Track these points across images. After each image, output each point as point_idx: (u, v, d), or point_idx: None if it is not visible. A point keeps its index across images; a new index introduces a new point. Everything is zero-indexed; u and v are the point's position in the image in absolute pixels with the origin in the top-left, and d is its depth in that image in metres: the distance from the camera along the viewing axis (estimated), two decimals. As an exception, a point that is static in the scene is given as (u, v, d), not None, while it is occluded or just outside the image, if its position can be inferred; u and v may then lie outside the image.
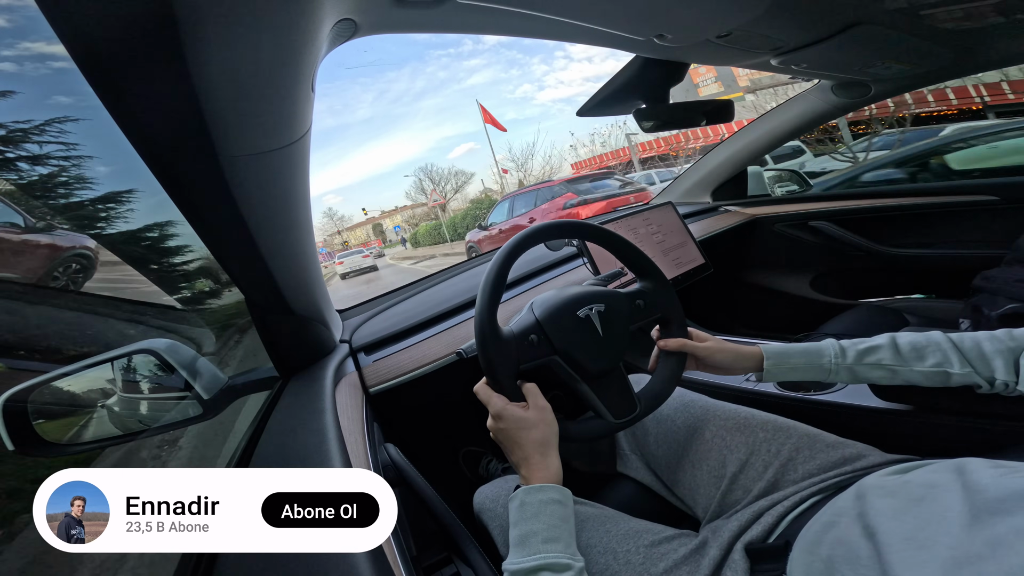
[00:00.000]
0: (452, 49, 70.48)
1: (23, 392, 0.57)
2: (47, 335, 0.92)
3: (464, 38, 63.95)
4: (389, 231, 47.58)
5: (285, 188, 0.57)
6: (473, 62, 68.42)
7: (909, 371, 0.60)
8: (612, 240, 0.71)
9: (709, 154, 1.83)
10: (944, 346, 0.59)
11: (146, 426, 0.74)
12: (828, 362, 0.63)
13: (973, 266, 1.15)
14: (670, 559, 0.55)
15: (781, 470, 0.61)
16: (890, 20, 0.82)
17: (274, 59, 0.39)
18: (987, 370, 0.56)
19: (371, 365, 0.94)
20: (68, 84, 0.77)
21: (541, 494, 0.50)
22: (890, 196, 1.46)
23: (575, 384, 0.63)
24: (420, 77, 76.10)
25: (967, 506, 0.36)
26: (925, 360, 0.59)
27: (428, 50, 73.64)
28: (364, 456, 0.61)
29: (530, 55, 62.21)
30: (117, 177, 1.14)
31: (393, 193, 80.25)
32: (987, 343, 0.56)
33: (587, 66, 15.50)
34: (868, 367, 0.62)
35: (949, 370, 0.58)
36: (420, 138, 77.10)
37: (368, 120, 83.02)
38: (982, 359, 0.56)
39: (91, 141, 1.01)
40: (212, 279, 1.72)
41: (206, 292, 1.79)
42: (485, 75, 67.83)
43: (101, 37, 0.33)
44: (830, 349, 0.64)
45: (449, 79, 72.30)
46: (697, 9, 0.67)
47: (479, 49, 66.07)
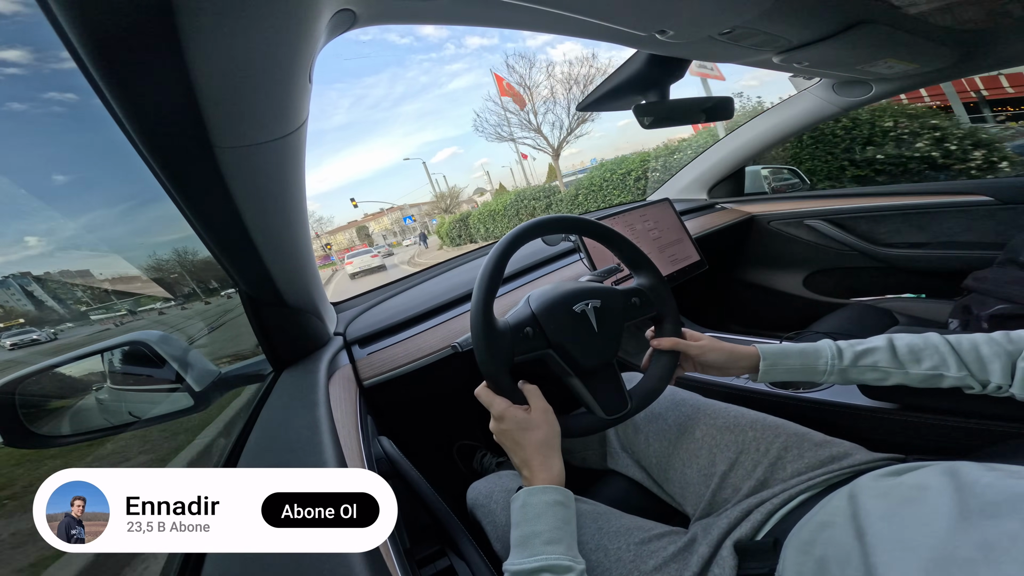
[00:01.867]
0: (434, 54, 69.30)
1: (11, 384, 0.56)
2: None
3: (446, 42, 62.97)
4: (375, 234, 46.29)
5: (281, 179, 0.56)
6: (455, 66, 67.32)
7: (904, 374, 0.60)
8: (609, 236, 0.71)
9: (707, 151, 1.82)
10: (942, 349, 0.58)
11: (136, 418, 0.74)
12: (824, 363, 0.63)
13: (966, 266, 1.16)
14: (660, 556, 0.56)
15: (770, 469, 0.62)
16: (893, 19, 0.81)
17: (272, 49, 0.38)
18: (983, 373, 0.56)
19: (365, 358, 0.94)
20: (61, 76, 0.74)
21: (544, 495, 0.51)
22: (884, 196, 1.47)
23: (568, 378, 0.63)
24: (400, 82, 74.86)
25: (957, 508, 0.37)
26: (921, 363, 0.59)
27: (409, 55, 72.39)
28: (357, 449, 0.61)
29: (512, 58, 61.33)
30: (110, 168, 1.12)
31: (372, 198, 78.98)
32: (985, 346, 0.56)
33: (566, 69, 15.44)
34: (863, 369, 0.62)
35: (945, 373, 0.57)
36: (400, 143, 76.04)
37: (345, 126, 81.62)
38: (979, 362, 0.56)
39: (84, 133, 0.98)
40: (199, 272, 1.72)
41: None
42: (467, 79, 66.78)
43: (96, 27, 0.32)
44: (827, 351, 0.64)
45: (431, 84, 71.11)
46: (700, 5, 0.66)
47: (461, 54, 65.03)
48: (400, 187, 71.51)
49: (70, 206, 1.21)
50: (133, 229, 1.37)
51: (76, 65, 0.36)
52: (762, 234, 1.71)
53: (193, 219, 0.58)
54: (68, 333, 1.71)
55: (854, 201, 1.51)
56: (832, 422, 0.82)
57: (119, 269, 1.74)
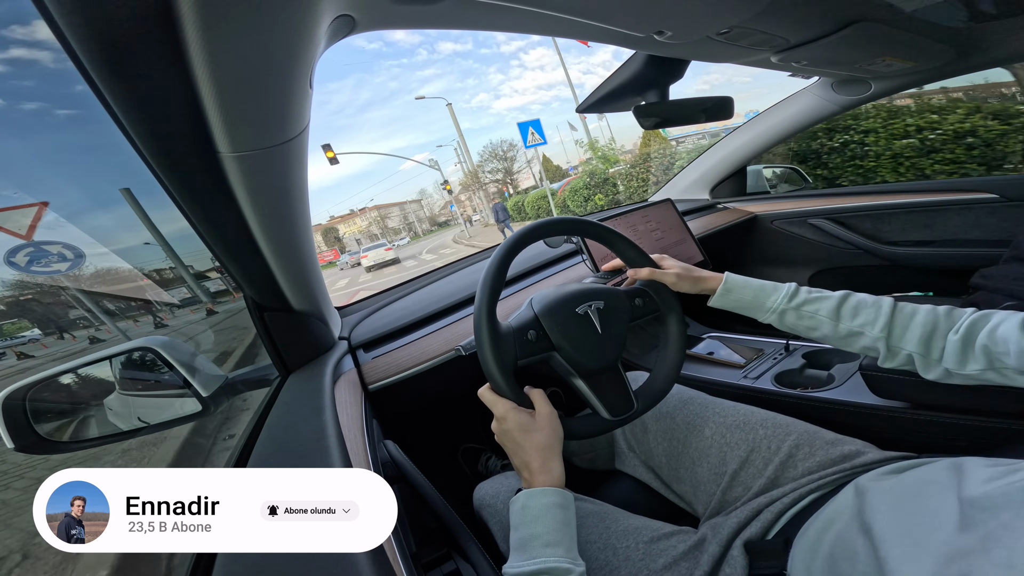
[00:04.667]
0: (405, 60, 69.32)
1: (22, 390, 0.57)
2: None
3: (418, 48, 63.10)
4: (347, 238, 45.04)
5: (284, 184, 0.57)
6: (427, 72, 67.23)
7: (832, 327, 0.60)
8: (611, 237, 0.71)
9: (708, 151, 1.82)
10: (884, 310, 0.58)
11: (144, 423, 0.74)
12: (773, 302, 0.64)
13: (972, 264, 1.15)
14: (669, 555, 0.56)
15: (781, 467, 0.61)
16: (891, 17, 0.81)
17: (273, 56, 0.38)
18: (900, 340, 0.55)
19: (370, 362, 0.94)
20: (64, 84, 0.76)
21: (543, 498, 0.50)
22: (888, 194, 1.46)
23: (572, 380, 0.63)
24: (366, 88, 74.66)
25: (961, 504, 0.37)
26: (855, 319, 0.59)
27: (378, 60, 72.48)
28: (363, 453, 0.61)
29: (486, 64, 61.48)
30: (116, 176, 1.13)
31: (338, 206, 78.27)
32: (921, 315, 0.55)
33: (539, 74, 15.41)
34: (802, 315, 0.63)
35: (867, 332, 0.57)
36: (366, 150, 75.20)
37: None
38: (904, 328, 0.56)
39: (89, 140, 1.00)
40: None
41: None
42: (438, 85, 66.67)
43: (99, 35, 0.33)
44: (784, 291, 0.64)
45: (400, 90, 70.84)
46: (697, 6, 0.66)
47: (433, 59, 65.15)
48: (367, 193, 70.40)
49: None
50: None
51: (90, 90, 0.37)
52: (765, 234, 1.71)
53: (199, 226, 0.59)
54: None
55: (857, 200, 1.51)
56: (842, 421, 0.81)
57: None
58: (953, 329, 0.53)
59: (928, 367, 0.55)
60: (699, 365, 1.09)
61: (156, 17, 0.32)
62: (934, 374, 0.55)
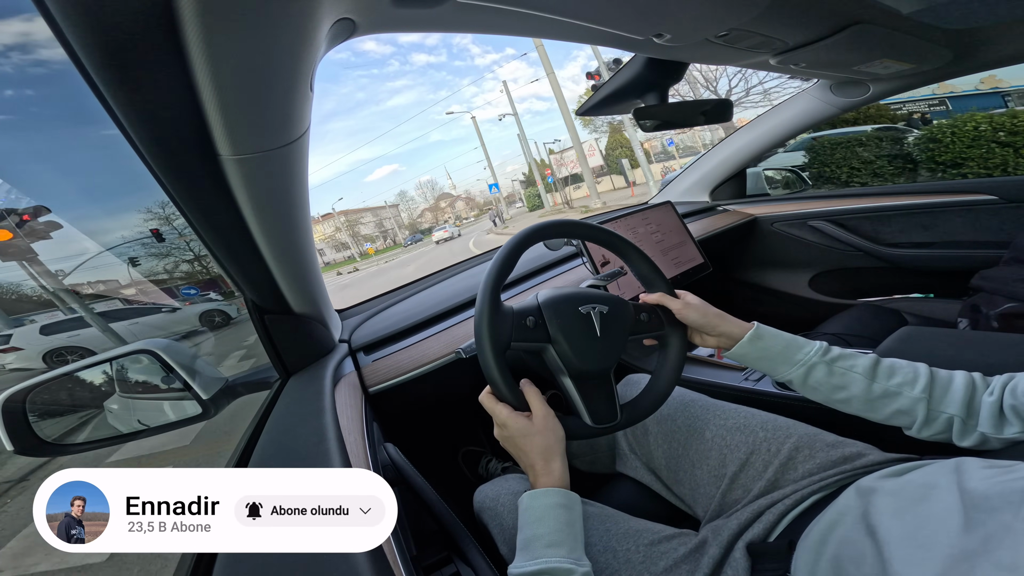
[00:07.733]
0: (375, 70, 68.97)
1: (22, 392, 0.57)
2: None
3: (390, 58, 62.96)
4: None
5: (285, 187, 0.57)
6: (397, 83, 66.92)
7: (867, 385, 0.56)
8: (612, 240, 0.71)
9: (707, 154, 1.83)
10: (921, 372, 0.55)
11: (144, 426, 0.74)
12: (805, 355, 0.59)
13: (972, 265, 1.15)
14: (670, 558, 0.56)
15: (781, 469, 0.61)
16: (889, 19, 0.82)
17: (274, 59, 0.38)
18: (941, 403, 0.53)
19: (370, 365, 0.94)
20: (64, 87, 0.76)
21: (545, 498, 0.51)
22: (887, 196, 1.46)
23: (561, 379, 0.62)
24: (329, 97, 74.13)
25: (963, 506, 0.37)
26: (892, 379, 0.56)
27: (344, 70, 72.13)
28: (363, 456, 0.61)
29: (459, 76, 61.35)
30: (117, 180, 1.14)
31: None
32: (959, 379, 0.53)
33: (512, 87, 15.79)
34: (834, 371, 0.58)
35: (906, 392, 0.54)
36: (330, 161, 74.24)
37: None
38: (944, 391, 0.53)
39: (90, 143, 1.01)
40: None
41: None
42: (409, 96, 66.30)
43: (99, 38, 0.33)
44: (816, 345, 0.60)
45: (367, 100, 70.15)
46: (697, 9, 0.67)
47: (405, 70, 65.06)
48: (328, 200, 68.32)
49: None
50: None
51: (96, 98, 0.37)
52: (765, 236, 1.71)
53: (199, 228, 0.59)
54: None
55: (857, 201, 1.51)
56: (843, 423, 0.80)
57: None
58: (988, 391, 0.51)
59: (965, 432, 0.52)
60: (701, 367, 1.08)
61: (158, 20, 0.32)
62: (970, 440, 0.52)
